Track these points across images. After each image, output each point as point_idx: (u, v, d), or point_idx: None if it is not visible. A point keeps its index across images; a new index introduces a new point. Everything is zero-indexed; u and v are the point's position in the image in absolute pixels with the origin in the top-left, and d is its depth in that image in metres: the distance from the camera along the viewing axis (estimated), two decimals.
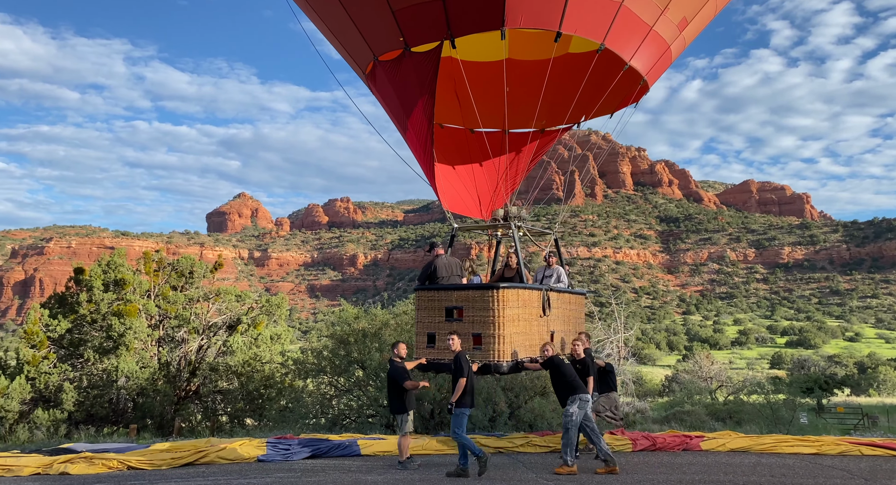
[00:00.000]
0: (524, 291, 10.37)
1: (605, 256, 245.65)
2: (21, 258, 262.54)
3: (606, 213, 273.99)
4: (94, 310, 18.51)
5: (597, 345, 26.23)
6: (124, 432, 15.92)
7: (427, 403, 15.91)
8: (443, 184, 12.01)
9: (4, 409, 16.50)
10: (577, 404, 9.87)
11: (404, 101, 11.00)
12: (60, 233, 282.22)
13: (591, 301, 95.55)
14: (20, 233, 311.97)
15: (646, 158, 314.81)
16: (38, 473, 10.23)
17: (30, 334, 17.82)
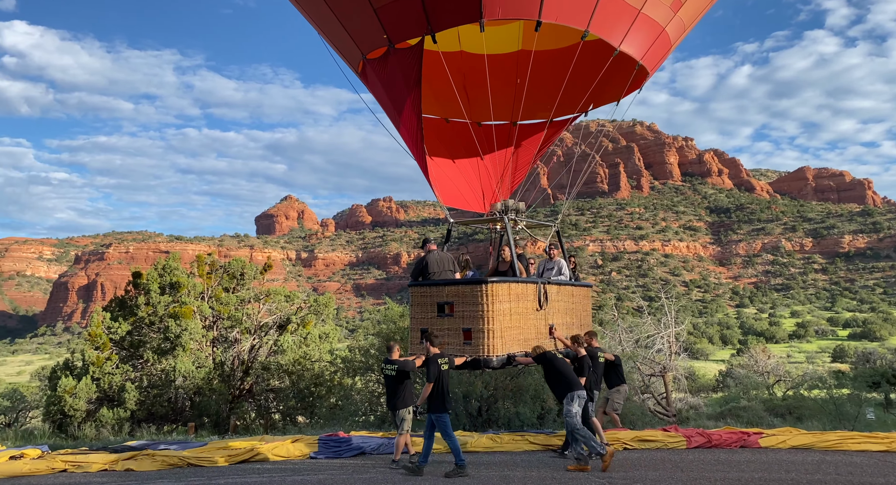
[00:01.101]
0: (517, 285, 10.21)
1: (653, 250, 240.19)
2: (84, 264, 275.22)
3: (654, 205, 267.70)
4: (151, 312, 19.22)
5: (646, 340, 25.66)
6: (183, 430, 16.49)
7: (474, 400, 15.90)
8: (441, 178, 12.00)
9: (73, 408, 17.33)
10: (576, 403, 9.75)
11: (393, 97, 11.02)
12: (119, 239, 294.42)
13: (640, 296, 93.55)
14: (82, 240, 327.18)
15: (693, 148, 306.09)
16: (105, 469, 10.69)
17: (94, 337, 18.65)
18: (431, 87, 11.45)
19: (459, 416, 15.89)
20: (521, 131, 12.87)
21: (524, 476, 9.45)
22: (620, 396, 12.26)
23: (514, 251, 10.85)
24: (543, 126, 12.83)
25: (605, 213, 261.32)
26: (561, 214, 13.81)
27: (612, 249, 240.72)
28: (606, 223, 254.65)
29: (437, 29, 9.96)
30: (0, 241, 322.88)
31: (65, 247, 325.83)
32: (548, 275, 11.78)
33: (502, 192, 12.61)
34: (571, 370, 9.97)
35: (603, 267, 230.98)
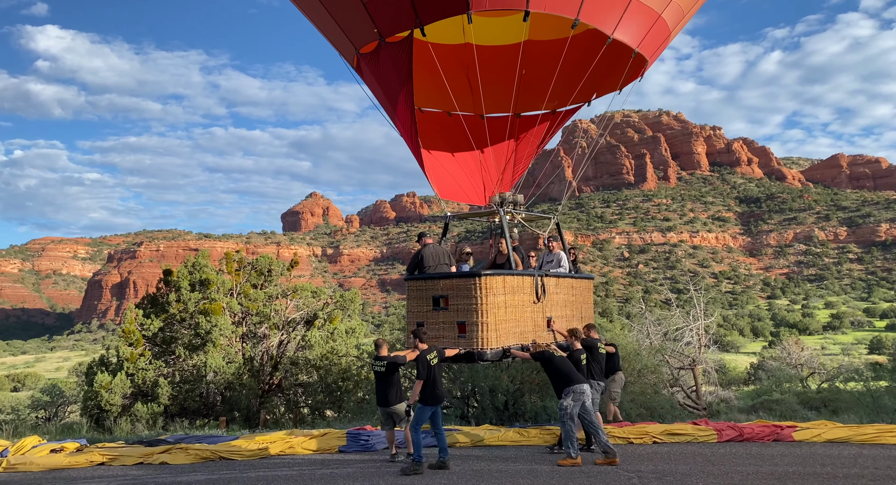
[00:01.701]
0: (512, 278, 10.13)
1: (680, 241, 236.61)
2: (116, 262, 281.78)
3: (681, 196, 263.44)
4: (182, 309, 19.58)
5: (675, 333, 25.33)
6: (215, 424, 16.81)
7: (501, 394, 15.88)
8: (440, 172, 11.94)
9: (109, 403, 17.78)
10: (571, 397, 9.67)
11: (387, 91, 11.01)
12: (150, 237, 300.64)
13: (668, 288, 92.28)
14: (115, 239, 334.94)
15: (722, 137, 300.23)
16: (141, 462, 10.96)
17: (127, 333, 19.08)
18: (434, 80, 11.36)
19: (486, 409, 15.90)
20: (522, 123, 12.78)
21: (552, 470, 9.42)
22: (617, 384, 12.29)
23: (509, 244, 10.78)
24: (545, 117, 12.74)
25: (631, 204, 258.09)
26: (561, 206, 13.63)
27: (638, 241, 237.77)
28: (633, 215, 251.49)
29: (426, 21, 9.92)
30: (37, 240, 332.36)
31: (98, 246, 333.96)
32: (547, 267, 11.73)
33: (503, 184, 12.55)
34: (570, 367, 9.92)
35: (629, 259, 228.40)
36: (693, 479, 8.68)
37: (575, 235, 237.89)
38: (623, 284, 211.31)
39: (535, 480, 8.81)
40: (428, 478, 9.01)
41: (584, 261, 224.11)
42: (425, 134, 11.82)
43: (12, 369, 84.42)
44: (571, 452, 9.59)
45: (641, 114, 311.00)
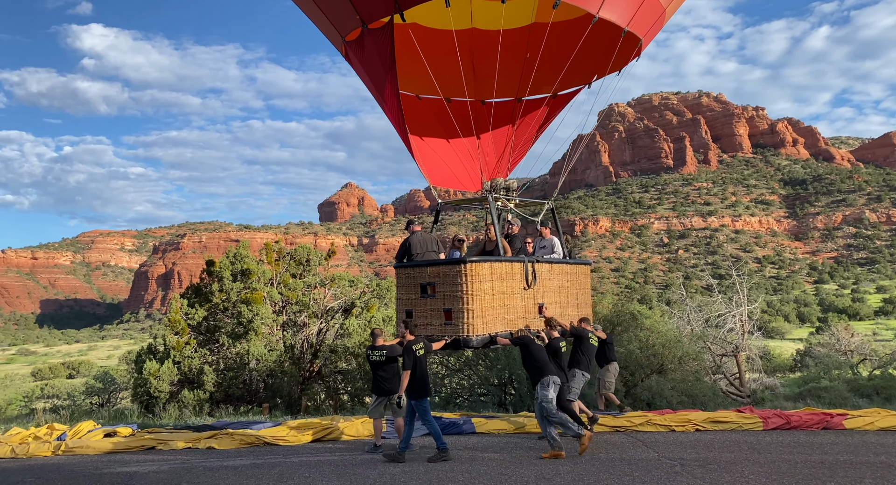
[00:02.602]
0: (500, 265, 10.05)
1: (722, 226, 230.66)
2: (161, 254, 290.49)
3: (722, 179, 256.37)
4: (225, 299, 20.06)
5: (717, 319, 24.78)
6: (258, 411, 17.23)
7: None
8: (434, 159, 11.81)
9: (157, 389, 18.39)
10: (551, 389, 9.63)
11: (373, 78, 10.93)
12: (192, 229, 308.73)
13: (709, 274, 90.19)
14: (159, 231, 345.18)
15: (765, 118, 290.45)
16: (189, 446, 11.32)
17: (173, 323, 19.66)
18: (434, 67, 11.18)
19: (524, 397, 15.88)
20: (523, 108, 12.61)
21: (591, 457, 9.36)
22: (610, 374, 12.27)
23: (498, 230, 10.68)
24: (546, 101, 12.56)
25: (670, 189, 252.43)
26: (556, 190, 13.35)
27: (678, 226, 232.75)
28: (672, 200, 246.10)
29: (405, 6, 9.82)
30: (87, 233, 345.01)
31: (144, 238, 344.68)
32: (540, 253, 11.60)
33: (500, 170, 12.43)
34: (545, 357, 9.83)
35: (669, 245, 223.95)
36: (738, 467, 8.51)
37: (612, 221, 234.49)
38: (662, 270, 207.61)
39: (575, 467, 8.77)
40: (472, 463, 9.05)
41: (621, 247, 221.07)
42: (422, 121, 11.73)
43: (67, 356, 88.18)
44: (579, 430, 9.50)
45: (680, 96, 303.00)
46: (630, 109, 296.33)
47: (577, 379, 10.96)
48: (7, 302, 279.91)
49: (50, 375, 56.22)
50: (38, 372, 58.31)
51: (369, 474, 8.62)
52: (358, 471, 8.88)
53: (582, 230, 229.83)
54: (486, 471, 8.63)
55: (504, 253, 10.49)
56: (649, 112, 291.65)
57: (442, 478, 8.28)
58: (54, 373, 57.50)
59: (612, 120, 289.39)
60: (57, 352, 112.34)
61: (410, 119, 11.49)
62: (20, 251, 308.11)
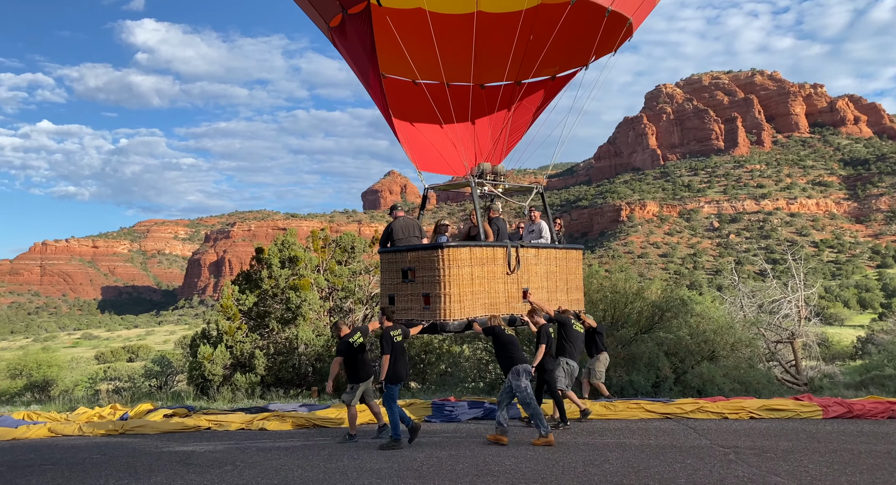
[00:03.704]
0: (481, 249, 9.98)
1: (776, 209, 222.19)
2: (213, 242, 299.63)
3: (777, 161, 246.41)
4: (274, 285, 20.54)
5: (771, 305, 23.95)
6: (308, 394, 17.65)
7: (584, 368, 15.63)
8: (423, 143, 11.69)
9: (211, 373, 19.04)
10: (523, 377, 9.48)
11: (357, 63, 10.86)
12: (242, 218, 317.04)
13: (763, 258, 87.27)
14: (210, 220, 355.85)
15: (823, 95, 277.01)
16: (242, 428, 11.70)
17: (225, 308, 20.28)
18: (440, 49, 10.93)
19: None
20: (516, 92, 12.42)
21: (641, 444, 9.21)
22: (601, 364, 12.21)
23: (479, 215, 10.59)
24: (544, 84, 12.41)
25: (721, 172, 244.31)
26: (546, 175, 13.06)
27: (729, 210, 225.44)
28: (723, 183, 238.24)
29: None
30: (143, 223, 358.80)
31: (196, 227, 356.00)
32: (528, 238, 11.49)
33: (495, 155, 12.32)
34: (516, 345, 9.73)
35: (720, 230, 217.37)
36: (797, 456, 8.22)
37: (660, 206, 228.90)
38: (713, 255, 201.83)
39: (624, 453, 8.65)
40: (518, 448, 9.04)
41: (670, 232, 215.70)
42: (416, 107, 11.60)
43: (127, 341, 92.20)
44: (542, 430, 9.35)
45: (732, 75, 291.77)
46: (678, 90, 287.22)
47: (563, 367, 10.89)
48: (71, 288, 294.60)
49: (112, 358, 58.93)
50: (101, 355, 61.18)
51: (416, 457, 8.71)
52: (405, 453, 8.98)
53: (628, 215, 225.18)
54: (532, 456, 8.60)
55: (486, 238, 10.45)
56: (699, 93, 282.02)
57: (489, 462, 8.30)
58: (116, 356, 60.22)
59: (659, 101, 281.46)
60: (118, 336, 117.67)
61: (404, 104, 11.50)
62: (82, 240, 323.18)
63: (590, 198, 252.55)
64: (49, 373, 32.62)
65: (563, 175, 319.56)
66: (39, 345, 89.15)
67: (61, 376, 33.16)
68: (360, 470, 8.10)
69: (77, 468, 8.79)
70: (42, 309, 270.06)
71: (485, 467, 8.09)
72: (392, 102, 11.18)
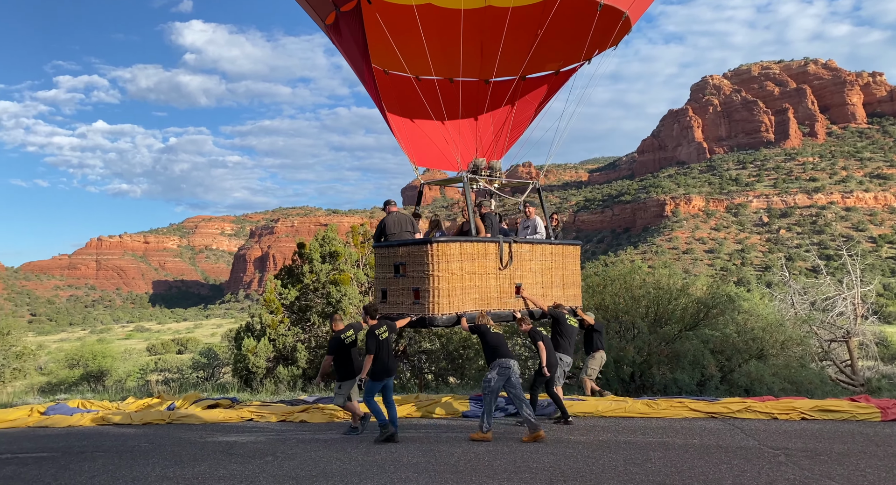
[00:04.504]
0: (471, 245, 9.99)
1: (830, 203, 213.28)
2: (257, 238, 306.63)
3: (831, 153, 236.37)
4: (315, 280, 20.82)
5: (825, 303, 23.00)
6: None
7: (626, 365, 15.35)
8: (422, 139, 11.67)
9: (255, 365, 19.44)
10: (496, 371, 9.51)
11: (353, 60, 10.91)
12: (285, 214, 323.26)
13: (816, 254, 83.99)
14: (255, 216, 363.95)
15: (883, 84, 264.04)
16: (283, 420, 11.89)
17: (268, 302, 20.66)
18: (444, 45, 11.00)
19: (611, 381, 15.45)
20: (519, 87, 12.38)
21: (685, 443, 8.95)
22: (595, 362, 12.20)
23: (471, 210, 10.61)
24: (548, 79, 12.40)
25: (771, 165, 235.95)
26: (544, 168, 12.85)
27: (780, 204, 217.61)
28: (773, 176, 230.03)
29: None
30: (191, 219, 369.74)
31: (241, 223, 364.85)
32: (523, 233, 11.48)
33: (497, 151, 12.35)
34: (501, 342, 9.70)
35: (769, 225, 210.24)
36: (852, 459, 7.84)
37: (706, 200, 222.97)
38: (762, 251, 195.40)
39: (667, 452, 8.41)
40: (558, 445, 8.91)
41: (717, 227, 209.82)
42: (418, 103, 11.59)
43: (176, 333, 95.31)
44: (484, 425, 9.36)
45: (783, 64, 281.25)
46: (726, 81, 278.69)
47: (559, 364, 10.78)
48: (124, 283, 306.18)
49: (162, 350, 60.99)
50: (153, 347, 63.41)
51: (454, 452, 8.67)
52: (443, 448, 8.96)
53: (673, 210, 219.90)
54: (572, 454, 8.45)
55: (477, 233, 10.48)
56: (747, 83, 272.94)
57: (527, 459, 8.19)
58: (166, 348, 62.31)
59: (705, 93, 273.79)
60: (168, 329, 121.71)
61: (403, 101, 11.54)
62: (134, 236, 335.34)
63: (633, 192, 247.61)
64: (104, 363, 33.98)
65: (604, 169, 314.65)
66: (95, 337, 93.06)
67: (115, 367, 34.50)
68: (398, 464, 8.11)
69: (126, 456, 9.08)
70: (98, 302, 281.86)
71: (523, 463, 7.99)
72: (390, 99, 11.32)
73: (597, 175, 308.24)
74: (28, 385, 29.76)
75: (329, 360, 10.44)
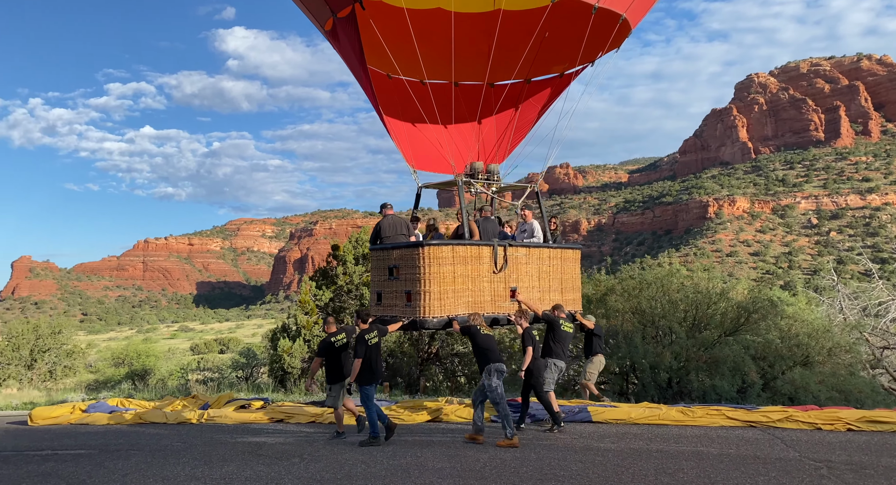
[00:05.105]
0: (464, 248, 9.95)
1: (885, 204, 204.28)
2: (297, 240, 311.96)
3: (886, 152, 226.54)
4: (348, 281, 20.98)
5: (878, 308, 21.96)
6: (380, 389, 17.87)
7: (663, 371, 14.95)
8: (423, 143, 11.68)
9: (290, 366, 19.69)
10: (495, 377, 9.46)
11: (351, 65, 10.98)
12: (323, 216, 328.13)
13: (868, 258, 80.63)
14: (295, 218, 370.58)
15: None
16: (313, 421, 11.98)
17: (303, 303, 20.91)
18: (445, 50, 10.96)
19: (647, 387, 15.08)
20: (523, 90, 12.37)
21: (721, 453, 8.62)
22: (594, 366, 12.22)
23: (464, 213, 10.60)
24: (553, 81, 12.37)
25: (820, 164, 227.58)
26: (542, 173, 12.60)
27: (830, 205, 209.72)
28: (823, 177, 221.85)
29: None
30: (233, 222, 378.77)
31: (281, 225, 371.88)
32: (520, 237, 11.41)
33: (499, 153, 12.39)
34: (492, 345, 9.61)
35: (818, 226, 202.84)
36: None
37: (751, 202, 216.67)
38: (810, 254, 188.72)
39: (701, 462, 8.11)
40: (587, 453, 8.70)
41: (762, 229, 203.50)
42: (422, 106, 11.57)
43: (219, 333, 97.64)
44: (508, 431, 9.23)
45: (834, 61, 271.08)
46: (773, 79, 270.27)
47: (550, 369, 10.62)
48: (170, 283, 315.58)
49: (205, 350, 62.53)
50: (196, 347, 65.07)
51: (480, 458, 8.55)
52: (469, 454, 8.85)
53: (716, 211, 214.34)
54: (601, 461, 8.24)
55: (471, 237, 10.45)
56: (796, 81, 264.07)
57: (554, 467, 8.01)
58: (208, 348, 63.85)
59: (751, 92, 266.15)
60: (210, 329, 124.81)
61: (407, 105, 11.56)
62: (179, 238, 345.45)
63: (674, 194, 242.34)
64: (147, 362, 35.00)
65: (645, 170, 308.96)
66: (142, 336, 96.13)
67: (158, 366, 35.51)
68: (422, 468, 8.04)
69: (158, 454, 9.26)
70: (144, 302, 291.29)
71: (549, 471, 7.82)
72: (391, 103, 11.44)
73: (637, 176, 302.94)
74: (77, 382, 30.91)
75: (318, 362, 10.65)
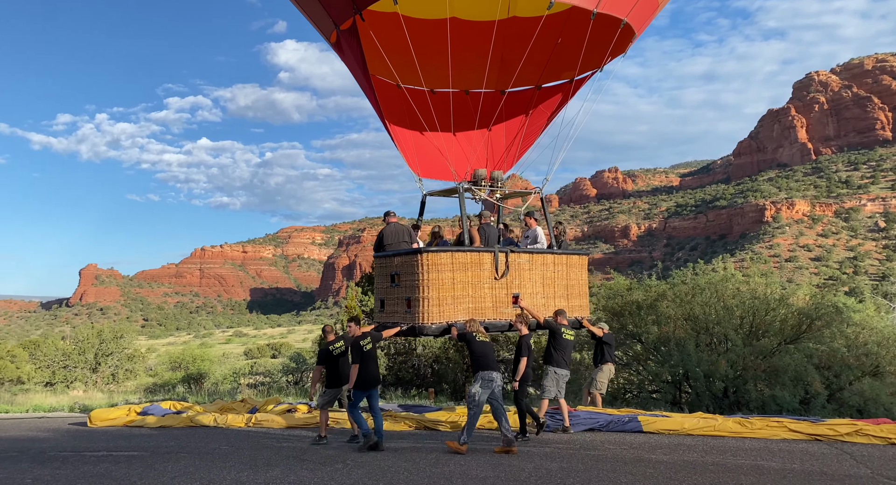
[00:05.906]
0: (464, 254, 9.91)
1: None
2: (345, 247, 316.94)
3: None
4: None
5: None
6: (425, 395, 17.80)
7: (718, 380, 14.33)
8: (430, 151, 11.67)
9: None
10: (479, 384, 9.32)
11: (356, 76, 11.07)
12: (371, 224, 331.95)
13: None
14: (343, 226, 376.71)
15: None
16: None
17: (349, 309, 21.10)
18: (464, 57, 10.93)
19: (701, 396, 14.48)
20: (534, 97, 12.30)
21: (782, 468, 8.12)
22: (604, 374, 11.94)
23: (465, 220, 10.54)
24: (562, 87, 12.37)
25: (888, 165, 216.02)
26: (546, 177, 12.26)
27: None
28: (890, 178, 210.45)
29: (363, 6, 9.91)
30: (285, 229, 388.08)
31: (331, 233, 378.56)
32: (524, 244, 11.31)
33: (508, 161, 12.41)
34: (486, 352, 9.47)
35: (886, 230, 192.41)
36: None
37: (812, 205, 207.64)
38: (878, 258, 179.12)
39: (761, 477, 7.65)
40: (637, 464, 8.36)
41: (824, 233, 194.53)
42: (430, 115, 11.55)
43: (271, 339, 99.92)
44: (463, 437, 9.16)
45: None
46: (834, 77, 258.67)
47: (549, 377, 10.40)
48: (224, 290, 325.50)
49: (258, 354, 64.06)
50: (249, 352, 66.74)
51: (525, 467, 8.31)
52: (513, 463, 8.62)
53: (774, 215, 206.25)
54: (652, 474, 7.88)
55: (471, 243, 10.40)
56: (859, 78, 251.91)
57: (603, 479, 7.71)
58: (261, 353, 65.40)
59: (810, 91, 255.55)
60: (263, 334, 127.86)
61: (415, 114, 11.58)
62: (233, 246, 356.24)
63: (728, 197, 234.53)
64: (202, 367, 36.03)
65: (698, 173, 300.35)
66: (199, 341, 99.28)
67: (212, 370, 36.49)
68: (465, 477, 7.87)
69: (206, 458, 9.40)
70: (201, 308, 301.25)
71: (598, 482, 7.52)
72: (399, 112, 11.50)
73: (689, 179, 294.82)
74: (137, 385, 32.08)
75: (318, 370, 10.76)
